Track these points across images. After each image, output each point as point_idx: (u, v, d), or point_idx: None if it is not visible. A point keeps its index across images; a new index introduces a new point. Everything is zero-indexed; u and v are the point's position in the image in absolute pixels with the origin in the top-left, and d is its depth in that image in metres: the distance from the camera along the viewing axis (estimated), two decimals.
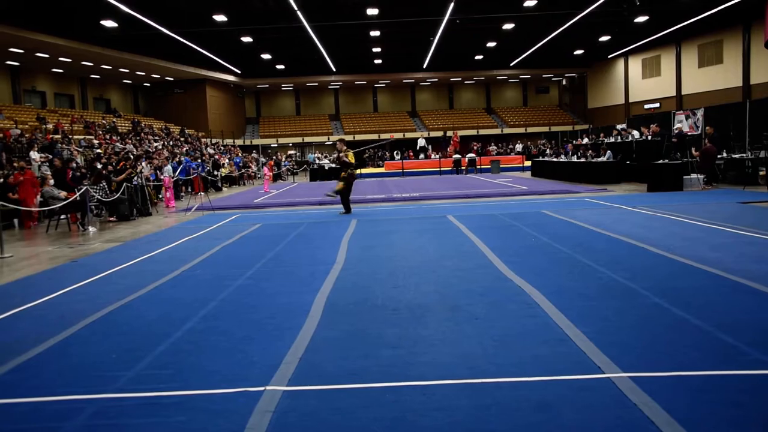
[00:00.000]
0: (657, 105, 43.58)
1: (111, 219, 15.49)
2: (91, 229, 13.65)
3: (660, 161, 17.80)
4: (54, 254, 10.36)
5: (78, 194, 13.94)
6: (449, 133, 40.80)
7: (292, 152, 50.98)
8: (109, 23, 28.19)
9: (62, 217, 14.68)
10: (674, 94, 42.41)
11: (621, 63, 48.16)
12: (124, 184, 15.92)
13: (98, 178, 15.65)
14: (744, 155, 18.29)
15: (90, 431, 3.42)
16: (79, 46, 32.34)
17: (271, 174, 30.48)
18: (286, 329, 5.16)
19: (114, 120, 38.63)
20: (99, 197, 14.73)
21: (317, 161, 40.79)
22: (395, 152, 48.49)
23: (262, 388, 3.86)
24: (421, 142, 41.75)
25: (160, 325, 5.48)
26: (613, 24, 35.08)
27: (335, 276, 7.31)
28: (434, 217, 13.16)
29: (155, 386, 4.00)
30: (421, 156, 42.13)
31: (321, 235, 11.18)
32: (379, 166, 45.55)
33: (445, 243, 9.54)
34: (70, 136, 28.82)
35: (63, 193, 14.80)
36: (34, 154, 21.59)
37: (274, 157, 41.86)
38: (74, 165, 17.42)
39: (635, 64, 46.77)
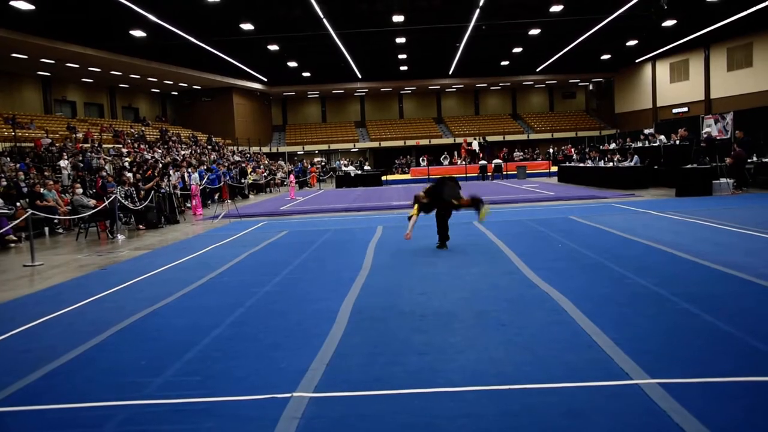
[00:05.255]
0: (685, 109, 43.02)
1: (139, 227, 15.67)
2: (119, 236, 13.84)
3: (688, 166, 17.58)
4: (83, 262, 10.52)
5: (107, 202, 14.14)
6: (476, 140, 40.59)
7: (318, 159, 51.23)
8: (137, 33, 28.60)
9: (92, 225, 14.88)
10: (703, 98, 41.82)
11: (648, 67, 47.63)
12: (152, 192, 16.11)
13: (120, 182, 15.82)
14: None
15: None
16: (109, 56, 32.88)
17: (314, 177, 30.78)
18: (313, 336, 5.17)
19: (142, 128, 39.17)
20: (122, 201, 14.85)
21: (343, 168, 40.91)
22: (421, 159, 48.44)
23: (289, 395, 3.88)
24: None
25: (188, 332, 5.53)
26: (641, 28, 34.71)
27: (362, 282, 7.32)
28: (460, 223, 13.10)
29: (184, 393, 4.04)
30: (446, 162, 41.99)
31: (347, 241, 11.21)
32: (405, 172, 45.54)
33: (472, 249, 9.51)
34: (100, 145, 29.28)
35: (92, 202, 15.02)
36: (64, 163, 21.96)
37: (300, 164, 41.99)
38: (104, 173, 17.69)
39: (663, 68, 46.23)
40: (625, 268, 7.28)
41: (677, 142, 21.32)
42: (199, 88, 47.43)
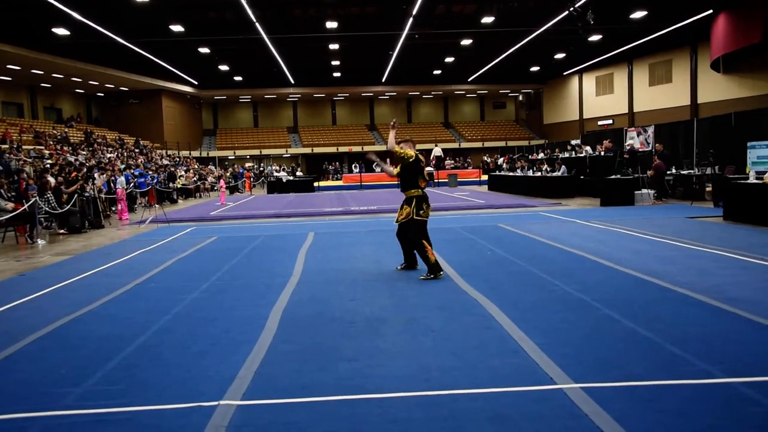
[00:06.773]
0: (610, 121, 44.55)
1: (61, 231, 15.12)
2: (40, 241, 13.32)
3: (612, 176, 18.20)
4: (0, 268, 10.08)
5: (26, 206, 13.59)
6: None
7: (249, 164, 50.63)
8: (61, 31, 27.61)
9: (9, 229, 14.27)
10: (626, 111, 43.41)
11: (576, 80, 49.13)
12: (76, 195, 15.58)
13: (43, 188, 15.23)
14: (692, 172, 18.80)
15: None
16: (29, 54, 31.62)
17: (249, 184, 30.50)
18: (241, 343, 5.10)
19: (66, 130, 37.83)
20: (47, 208, 14.35)
21: (274, 173, 40.57)
22: (353, 165, 48.53)
23: (215, 403, 3.81)
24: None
25: (111, 339, 5.36)
26: (568, 42, 35.82)
27: (292, 289, 7.27)
28: (391, 230, 13.14)
29: (105, 402, 3.90)
30: (378, 169, 42.15)
31: (278, 247, 11.11)
32: (337, 179, 45.49)
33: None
34: (19, 147, 28.09)
35: (10, 205, 14.42)
36: None
37: (231, 169, 41.32)
38: (24, 176, 17.00)
39: (589, 82, 47.77)
40: (551, 275, 7.47)
41: (602, 153, 22.05)
42: (126, 89, 46.16)
